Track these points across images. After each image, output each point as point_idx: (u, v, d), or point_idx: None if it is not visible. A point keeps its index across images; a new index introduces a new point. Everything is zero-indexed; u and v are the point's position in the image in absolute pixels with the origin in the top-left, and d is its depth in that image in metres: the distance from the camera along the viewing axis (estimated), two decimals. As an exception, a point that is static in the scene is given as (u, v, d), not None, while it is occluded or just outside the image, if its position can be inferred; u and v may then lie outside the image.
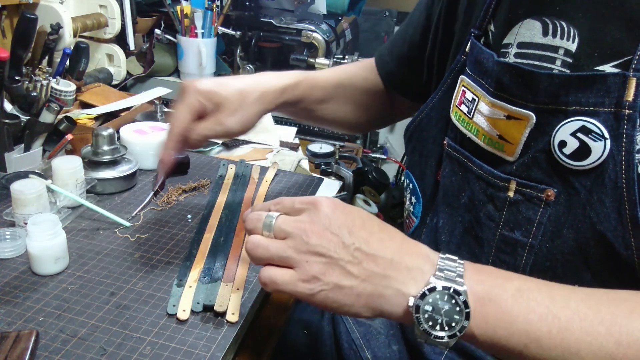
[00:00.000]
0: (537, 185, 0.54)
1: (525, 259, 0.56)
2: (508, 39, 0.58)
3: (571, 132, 0.50)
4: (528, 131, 0.54)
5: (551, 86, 0.51)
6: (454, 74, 0.66)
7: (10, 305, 0.60)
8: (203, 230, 0.77)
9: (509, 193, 0.56)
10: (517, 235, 0.56)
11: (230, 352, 0.59)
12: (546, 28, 0.54)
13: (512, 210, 0.56)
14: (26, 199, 0.71)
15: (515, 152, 0.55)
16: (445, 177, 0.65)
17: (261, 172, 0.96)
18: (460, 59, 0.65)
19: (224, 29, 1.41)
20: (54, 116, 0.90)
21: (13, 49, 0.91)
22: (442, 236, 0.65)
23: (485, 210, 0.59)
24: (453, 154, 0.63)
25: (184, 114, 0.68)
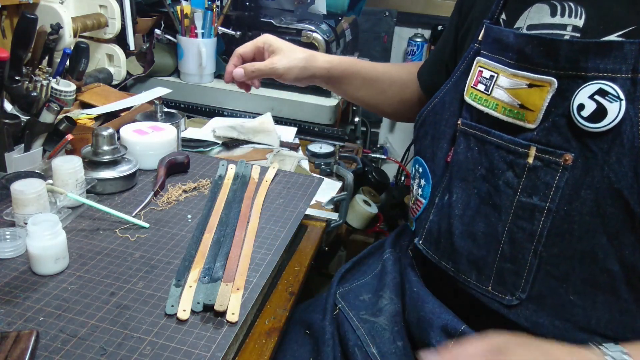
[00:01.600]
0: (555, 150, 0.57)
1: (542, 223, 0.59)
2: (518, 23, 0.64)
3: (589, 94, 0.54)
4: (550, 96, 0.57)
5: (571, 52, 0.55)
6: (467, 61, 0.70)
7: (10, 305, 0.60)
8: (203, 230, 0.77)
9: (529, 159, 0.59)
10: (535, 200, 0.59)
11: (230, 352, 0.59)
12: (554, 9, 0.60)
13: (531, 176, 0.60)
14: (26, 199, 0.71)
15: (537, 118, 0.59)
16: (459, 153, 0.68)
17: (261, 172, 0.96)
18: (474, 47, 0.69)
19: (224, 29, 1.41)
20: (54, 116, 0.90)
21: (13, 49, 0.91)
22: (455, 210, 0.68)
23: (504, 177, 0.62)
24: (469, 131, 0.67)
25: (249, 45, 0.90)
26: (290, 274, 0.78)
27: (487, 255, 0.64)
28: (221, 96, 1.41)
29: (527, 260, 0.60)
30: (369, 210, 1.42)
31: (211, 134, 1.20)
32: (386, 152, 2.49)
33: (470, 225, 0.62)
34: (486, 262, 0.64)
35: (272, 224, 0.81)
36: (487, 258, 0.64)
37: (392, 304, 0.77)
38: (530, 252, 0.60)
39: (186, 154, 0.97)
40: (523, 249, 0.60)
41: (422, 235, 0.74)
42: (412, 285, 0.75)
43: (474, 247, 0.65)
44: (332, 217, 0.96)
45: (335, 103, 1.37)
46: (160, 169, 0.90)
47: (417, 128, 0.81)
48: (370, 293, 0.81)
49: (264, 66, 0.87)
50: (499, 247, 0.63)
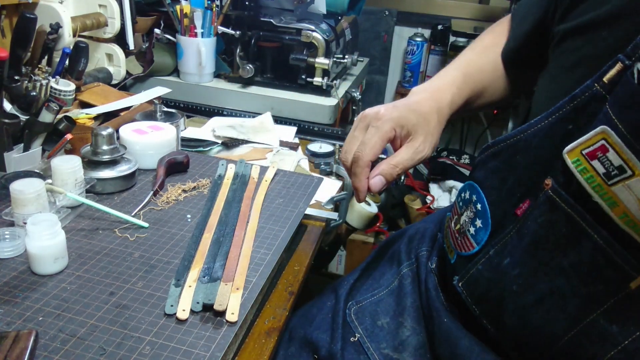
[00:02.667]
0: None
1: (611, 356, 0.50)
2: None
3: None
4: None
5: None
6: (577, 103, 0.53)
7: (9, 305, 0.60)
8: (202, 229, 0.77)
9: (632, 284, 0.48)
10: (613, 330, 0.49)
11: (229, 352, 0.59)
12: None
13: (624, 303, 0.49)
14: (25, 199, 0.70)
15: None
16: (539, 224, 0.54)
17: (261, 172, 0.96)
18: (594, 89, 0.51)
19: (223, 29, 1.41)
20: (53, 116, 0.90)
21: (12, 48, 0.91)
22: (513, 285, 0.57)
23: (592, 288, 0.51)
24: (560, 205, 0.52)
25: (379, 142, 0.66)
26: (289, 274, 0.78)
27: (536, 346, 0.55)
28: (221, 96, 1.41)
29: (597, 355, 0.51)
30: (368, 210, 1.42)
31: (211, 133, 1.20)
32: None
33: (526, 311, 0.53)
34: (534, 351, 0.56)
35: (271, 224, 0.81)
36: (536, 349, 0.55)
37: (414, 335, 0.69)
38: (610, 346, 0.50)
39: (186, 153, 0.96)
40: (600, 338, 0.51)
41: (464, 277, 0.63)
42: (441, 315, 0.66)
43: (524, 332, 0.56)
44: (332, 216, 0.96)
45: (335, 103, 1.36)
46: (160, 168, 0.90)
47: (486, 155, 0.65)
48: (388, 316, 0.73)
49: (410, 160, 0.66)
50: (552, 349, 0.54)
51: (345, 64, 1.47)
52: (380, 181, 0.66)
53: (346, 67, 1.58)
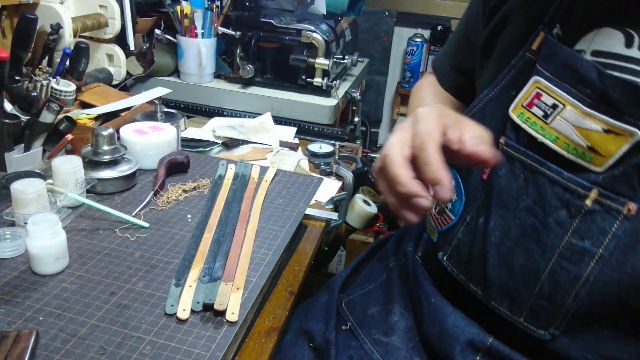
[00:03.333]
0: (619, 198, 0.53)
1: (590, 269, 0.55)
2: (581, 45, 0.56)
3: None
4: (627, 147, 0.52)
5: None
6: (515, 71, 0.63)
7: (10, 305, 0.60)
8: (203, 229, 0.77)
9: (587, 202, 0.55)
10: (586, 244, 0.55)
11: (230, 351, 0.59)
12: (630, 40, 0.52)
13: (587, 219, 0.55)
14: (26, 199, 0.71)
15: (605, 164, 0.54)
16: (501, 177, 0.62)
17: (261, 172, 0.96)
18: (524, 56, 0.62)
19: (223, 29, 1.41)
20: (54, 116, 0.90)
21: (13, 49, 0.91)
22: (491, 237, 0.63)
23: (556, 215, 0.57)
24: (515, 155, 0.60)
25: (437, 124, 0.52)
26: (289, 274, 0.78)
27: (522, 289, 0.60)
28: (221, 96, 1.41)
29: (566, 303, 0.57)
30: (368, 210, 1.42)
31: (211, 133, 1.20)
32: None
33: (507, 256, 0.58)
34: (521, 296, 0.60)
35: (271, 224, 0.81)
36: (523, 292, 0.60)
37: (403, 320, 0.73)
38: (571, 296, 0.56)
39: (186, 153, 0.97)
40: (564, 291, 0.57)
41: (447, 251, 0.69)
42: (429, 296, 0.71)
43: (509, 278, 0.61)
44: (332, 216, 0.96)
45: (335, 103, 1.37)
46: (160, 168, 0.90)
47: None
48: (378, 306, 0.77)
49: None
50: (538, 285, 0.59)
51: (345, 65, 1.48)
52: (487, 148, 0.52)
53: (346, 67, 1.58)
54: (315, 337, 0.74)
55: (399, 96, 2.44)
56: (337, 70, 1.49)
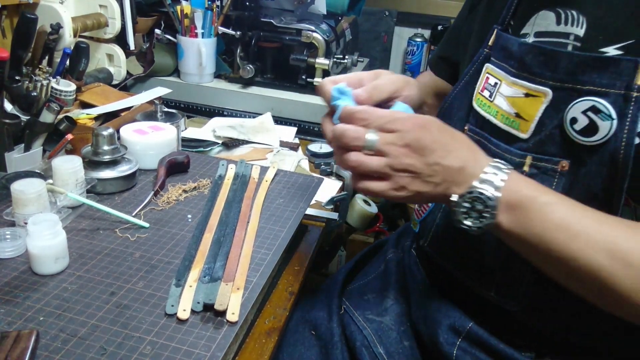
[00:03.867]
0: (551, 158, 0.58)
1: None
2: (526, 29, 0.64)
3: (582, 110, 0.55)
4: (544, 107, 0.58)
5: (570, 65, 0.56)
6: (476, 65, 0.70)
7: (10, 305, 0.60)
8: (203, 229, 0.77)
9: (525, 168, 0.60)
10: None
11: (230, 351, 0.59)
12: (559, 17, 0.60)
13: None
14: (26, 199, 0.71)
15: (530, 128, 0.60)
16: None
17: (261, 172, 0.96)
18: (483, 52, 0.69)
19: (224, 29, 1.41)
20: (54, 116, 0.90)
21: (13, 49, 0.91)
22: None
23: None
24: (474, 137, 0.67)
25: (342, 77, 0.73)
26: (290, 274, 0.78)
27: (489, 264, 0.65)
28: (221, 96, 1.41)
29: (523, 272, 0.61)
30: (368, 210, 1.42)
31: (211, 133, 1.20)
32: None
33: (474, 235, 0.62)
34: (489, 271, 0.65)
35: (272, 224, 0.81)
36: (490, 267, 0.65)
37: (397, 304, 0.77)
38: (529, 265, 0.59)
39: (186, 153, 0.97)
40: (521, 260, 0.59)
41: (427, 237, 0.75)
42: (418, 284, 0.75)
43: (478, 255, 0.66)
44: (332, 217, 0.96)
45: (335, 103, 1.37)
46: (160, 168, 0.90)
47: None
48: (374, 292, 0.81)
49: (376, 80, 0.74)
50: (500, 257, 0.63)
51: (345, 65, 1.48)
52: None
53: (346, 67, 1.58)
54: (317, 326, 0.77)
55: (399, 96, 2.44)
56: (337, 70, 1.49)
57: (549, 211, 0.53)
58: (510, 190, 0.54)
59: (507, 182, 0.55)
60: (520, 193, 0.54)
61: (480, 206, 0.55)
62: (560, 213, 0.53)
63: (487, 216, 0.55)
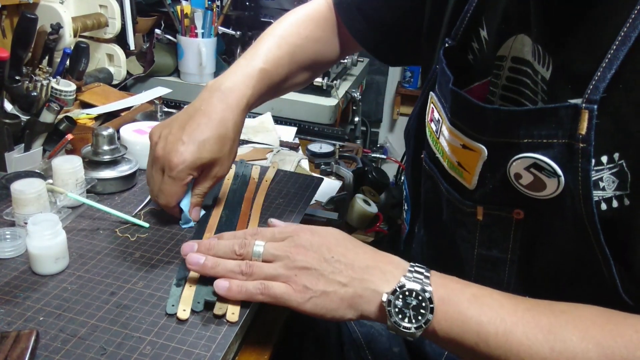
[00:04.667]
0: (504, 207, 0.54)
1: (508, 273, 0.56)
2: (502, 51, 0.56)
3: (524, 167, 0.49)
4: (482, 163, 0.53)
5: (499, 122, 0.50)
6: (430, 83, 0.63)
7: (10, 305, 0.60)
8: (203, 230, 0.77)
9: (478, 217, 0.56)
10: (495, 253, 0.57)
11: (230, 351, 0.59)
12: (534, 49, 0.52)
13: (485, 232, 0.56)
14: (26, 199, 0.71)
15: (473, 181, 0.55)
16: (425, 192, 0.65)
17: (261, 172, 0.96)
18: (436, 69, 0.61)
19: (224, 29, 1.41)
20: (54, 116, 0.90)
21: (13, 48, 0.91)
22: (428, 250, 0.66)
23: (459, 232, 0.59)
24: (428, 171, 0.63)
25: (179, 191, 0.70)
26: (290, 274, 0.78)
27: None
28: (221, 96, 1.40)
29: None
30: (368, 210, 1.42)
31: (211, 133, 1.20)
32: (386, 151, 2.49)
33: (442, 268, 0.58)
34: None
35: (272, 224, 0.81)
36: None
37: None
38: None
39: (186, 153, 0.96)
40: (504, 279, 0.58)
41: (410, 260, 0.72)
42: None
43: None
44: (332, 216, 0.96)
45: (335, 103, 1.37)
46: (160, 168, 0.90)
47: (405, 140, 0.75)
48: None
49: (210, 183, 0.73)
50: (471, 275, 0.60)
51: (345, 64, 1.48)
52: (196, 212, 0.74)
53: (346, 67, 1.58)
54: (316, 324, 0.76)
55: (399, 96, 2.45)
56: (337, 70, 1.49)
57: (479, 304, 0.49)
58: (437, 285, 0.50)
59: (432, 277, 0.51)
60: (447, 287, 0.50)
61: (414, 301, 0.49)
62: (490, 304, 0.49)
63: (424, 312, 0.49)
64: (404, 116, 2.52)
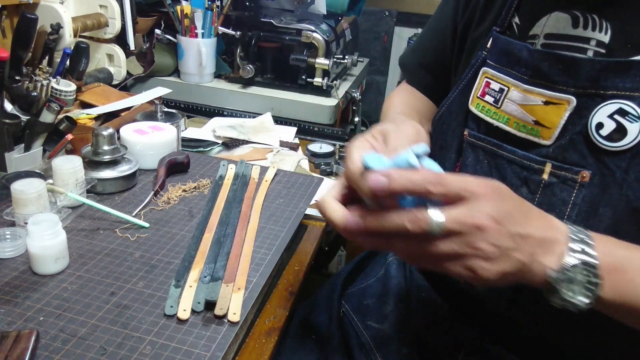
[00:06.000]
0: (572, 167, 0.56)
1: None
2: (535, 30, 0.61)
3: (608, 114, 0.53)
4: (567, 114, 0.56)
5: (592, 71, 0.54)
6: (474, 69, 0.67)
7: (10, 305, 0.60)
8: (203, 230, 0.77)
9: (544, 175, 0.58)
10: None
11: (230, 351, 0.59)
12: (576, 20, 0.57)
13: (547, 192, 0.58)
14: (26, 199, 0.71)
15: (552, 135, 0.57)
16: (468, 166, 0.66)
17: (261, 172, 0.96)
18: (482, 55, 0.67)
19: (224, 29, 1.41)
20: (54, 116, 0.90)
21: (13, 49, 0.91)
22: None
23: (519, 193, 0.56)
24: (477, 143, 0.65)
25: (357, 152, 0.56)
26: (290, 274, 0.78)
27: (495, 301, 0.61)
28: (221, 96, 1.41)
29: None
30: (369, 210, 1.42)
31: (211, 133, 1.20)
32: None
33: None
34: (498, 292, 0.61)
35: (272, 224, 0.81)
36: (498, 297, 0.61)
37: (396, 310, 0.75)
38: None
39: (186, 153, 0.97)
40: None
41: None
42: (421, 290, 0.74)
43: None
44: (332, 217, 0.96)
45: (335, 103, 1.37)
46: (160, 168, 0.90)
47: (432, 128, 0.77)
48: (374, 297, 0.79)
49: None
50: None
51: (345, 65, 1.48)
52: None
53: (346, 67, 1.58)
54: (318, 330, 0.76)
55: (399, 96, 2.44)
56: (337, 70, 1.49)
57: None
58: (604, 253, 0.48)
59: (597, 245, 0.49)
60: (613, 256, 0.49)
61: (581, 276, 0.47)
62: None
63: (593, 288, 0.47)
64: (404, 116, 2.52)
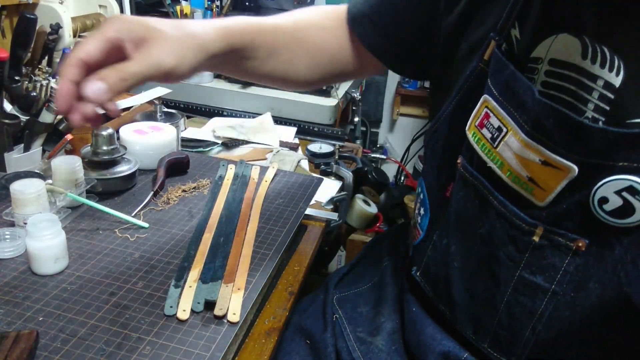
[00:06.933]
0: (567, 233, 0.50)
1: (545, 304, 0.53)
2: (538, 52, 0.51)
3: (616, 190, 0.46)
4: (566, 182, 0.48)
5: (603, 142, 0.45)
6: (469, 83, 0.59)
7: (10, 305, 0.60)
8: (203, 230, 0.77)
9: (534, 237, 0.51)
10: (538, 280, 0.52)
11: (230, 352, 0.59)
12: (585, 50, 0.48)
13: (536, 254, 0.52)
14: (26, 199, 0.71)
15: (547, 199, 0.50)
16: (459, 201, 0.60)
17: (261, 172, 0.96)
18: (477, 67, 0.57)
19: (223, 29, 1.41)
20: (53, 116, 0.90)
21: (13, 49, 0.91)
22: (454, 262, 0.60)
23: (505, 249, 0.54)
24: (469, 179, 0.57)
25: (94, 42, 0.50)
26: (290, 274, 0.78)
27: (484, 316, 0.58)
28: (221, 96, 1.41)
29: (524, 335, 0.54)
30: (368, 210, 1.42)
31: (211, 134, 1.20)
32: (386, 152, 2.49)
33: (469, 283, 0.54)
34: (483, 323, 0.59)
35: (272, 224, 0.81)
36: (485, 319, 0.58)
37: (389, 321, 0.72)
38: (528, 329, 0.54)
39: (186, 154, 0.97)
40: (521, 323, 0.54)
41: (420, 266, 0.68)
42: (410, 305, 0.70)
43: (472, 305, 0.59)
44: (332, 217, 0.96)
45: (335, 103, 1.37)
46: (160, 169, 0.90)
47: (425, 142, 0.69)
48: (368, 305, 0.76)
49: (140, 67, 0.51)
50: (496, 315, 0.57)
51: (345, 65, 1.47)
52: (97, 89, 0.49)
53: (346, 67, 1.58)
54: (312, 335, 0.75)
55: (399, 96, 2.45)
56: (337, 70, 1.49)
57: None
58: None
59: None
60: None
61: None
62: None
63: None
64: (404, 116, 2.52)
